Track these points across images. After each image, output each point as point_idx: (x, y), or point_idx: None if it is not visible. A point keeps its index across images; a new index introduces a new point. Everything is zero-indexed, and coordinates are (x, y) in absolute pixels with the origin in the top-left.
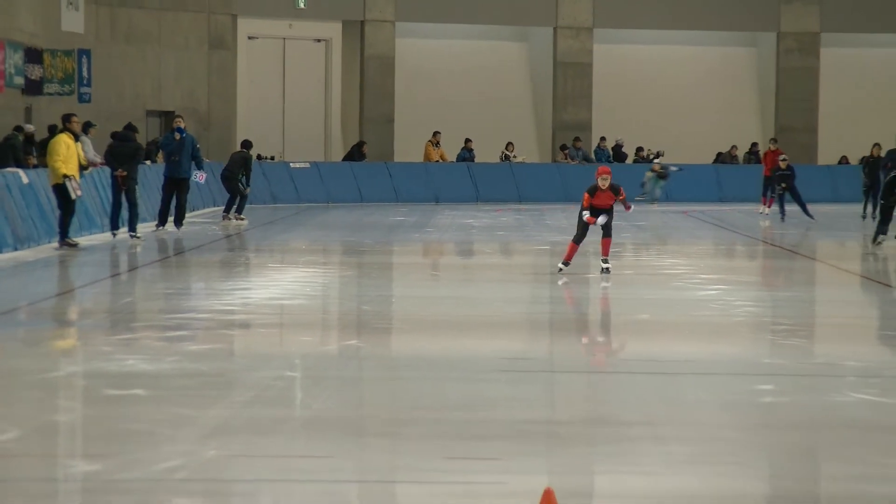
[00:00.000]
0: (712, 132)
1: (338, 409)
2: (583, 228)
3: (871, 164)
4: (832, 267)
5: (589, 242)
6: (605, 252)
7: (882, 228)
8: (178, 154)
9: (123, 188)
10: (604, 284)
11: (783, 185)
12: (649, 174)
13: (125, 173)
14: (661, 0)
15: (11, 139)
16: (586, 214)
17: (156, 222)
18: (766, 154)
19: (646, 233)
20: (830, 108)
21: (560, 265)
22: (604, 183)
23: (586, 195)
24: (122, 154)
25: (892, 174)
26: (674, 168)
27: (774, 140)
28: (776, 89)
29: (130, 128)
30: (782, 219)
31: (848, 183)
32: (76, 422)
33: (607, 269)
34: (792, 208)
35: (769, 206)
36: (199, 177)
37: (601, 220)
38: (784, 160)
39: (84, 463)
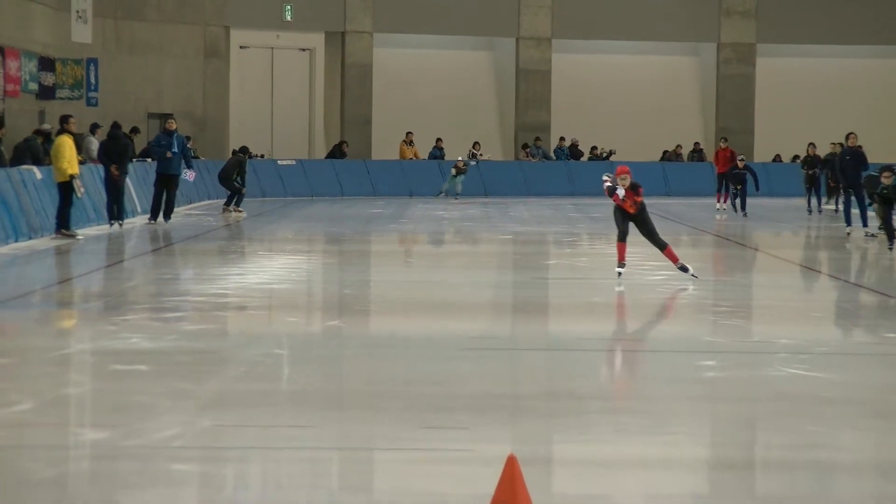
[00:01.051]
0: (659, 132)
1: (321, 384)
2: (622, 223)
3: (810, 162)
4: (770, 255)
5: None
6: (674, 260)
7: (890, 230)
8: (170, 153)
9: (116, 182)
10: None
11: (738, 185)
12: (453, 171)
13: (118, 172)
14: (614, 13)
15: (31, 141)
16: (606, 181)
17: (149, 216)
18: (717, 153)
19: (599, 223)
20: (765, 112)
21: (618, 269)
22: (623, 183)
23: (612, 194)
24: (115, 151)
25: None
26: (472, 163)
27: (725, 139)
28: (716, 94)
29: (117, 126)
30: (744, 215)
31: (781, 179)
32: (85, 394)
33: (692, 273)
34: (753, 201)
35: (725, 202)
36: (188, 175)
37: (620, 192)
38: (742, 160)
39: (92, 431)
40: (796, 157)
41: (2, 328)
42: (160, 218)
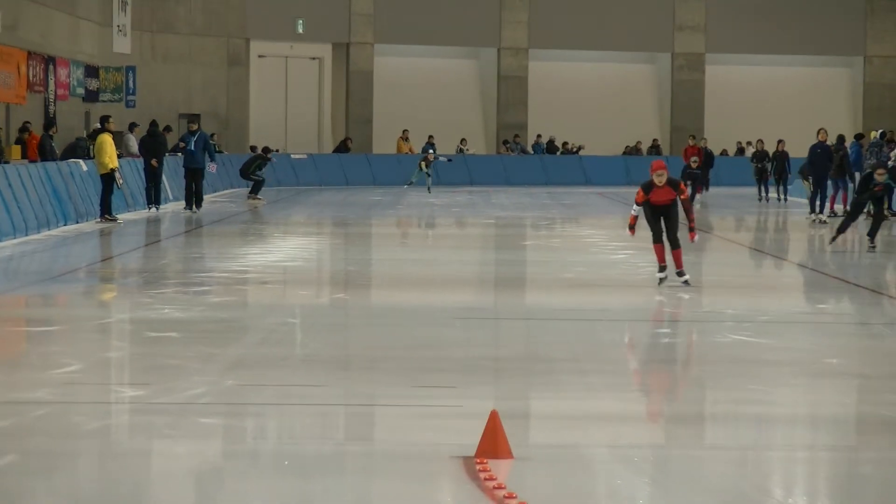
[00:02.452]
0: (621, 130)
1: (328, 349)
2: (654, 223)
3: (758, 156)
4: (721, 238)
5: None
6: (679, 265)
7: (844, 226)
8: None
9: (154, 173)
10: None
11: (688, 181)
12: (423, 163)
13: (156, 164)
14: (583, 27)
15: (82, 141)
16: (634, 211)
17: (184, 204)
18: (686, 149)
19: (571, 209)
20: (713, 112)
21: (659, 275)
22: (660, 179)
23: (640, 191)
24: (153, 146)
25: (867, 171)
26: (443, 159)
27: (693, 136)
28: (671, 97)
29: (155, 125)
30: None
31: (728, 171)
32: (124, 357)
33: (685, 280)
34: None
35: (699, 192)
36: (211, 167)
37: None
38: (695, 161)
39: (130, 389)
40: (739, 150)
41: (53, 300)
42: (193, 206)
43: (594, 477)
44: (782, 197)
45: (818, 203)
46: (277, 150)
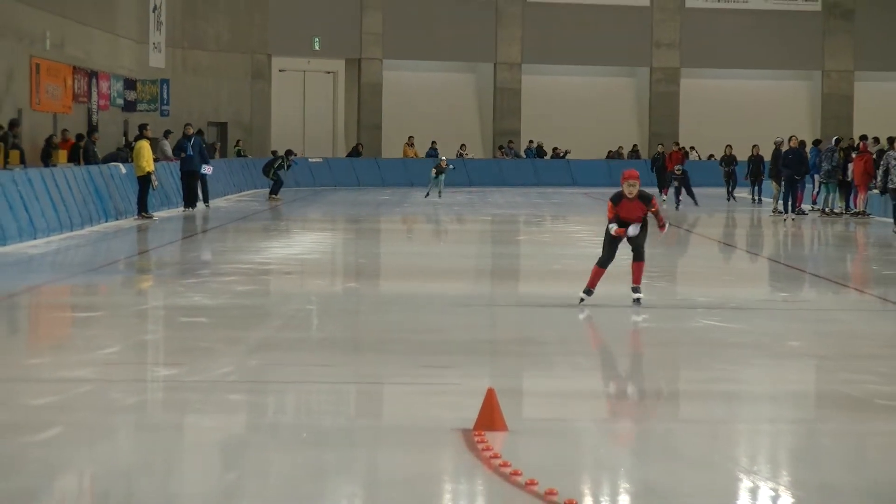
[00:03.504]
0: (605, 136)
1: (342, 332)
2: (609, 248)
3: (727, 160)
4: (692, 233)
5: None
6: (637, 279)
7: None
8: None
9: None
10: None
11: (676, 183)
12: (434, 171)
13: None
14: (570, 44)
15: (123, 151)
16: (613, 227)
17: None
18: (671, 154)
19: (560, 207)
20: (687, 121)
21: (582, 294)
22: (630, 190)
23: (609, 205)
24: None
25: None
26: (451, 166)
27: (677, 143)
28: (649, 107)
29: (200, 133)
30: (676, 208)
31: (700, 173)
32: (159, 340)
33: (638, 299)
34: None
35: (666, 194)
36: (206, 169)
37: (631, 230)
38: (678, 169)
39: (165, 369)
40: (711, 155)
41: (95, 289)
42: (198, 206)
43: (580, 448)
44: (756, 197)
45: (790, 203)
46: (295, 154)
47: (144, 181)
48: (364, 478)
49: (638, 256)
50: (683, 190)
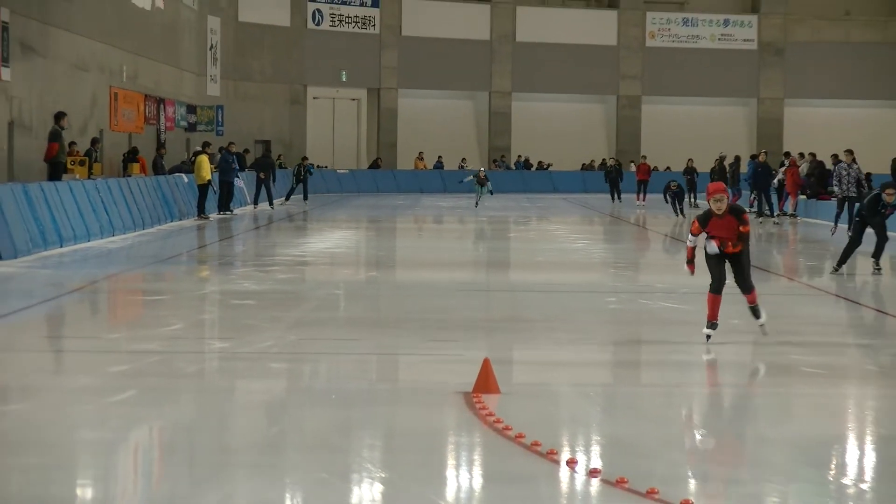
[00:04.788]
0: (579, 152)
1: (365, 312)
2: (717, 269)
3: (688, 171)
4: (653, 231)
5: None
6: (752, 301)
7: (846, 256)
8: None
9: (263, 183)
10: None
11: (673, 198)
12: (476, 182)
13: (263, 176)
14: (551, 77)
15: (185, 165)
16: (710, 245)
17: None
18: (639, 166)
19: (542, 210)
20: (648, 139)
21: (706, 331)
22: (718, 206)
23: (695, 223)
24: (263, 164)
25: (875, 192)
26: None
27: (644, 157)
28: (616, 128)
29: (268, 149)
30: (676, 214)
31: (660, 183)
32: (214, 319)
33: (762, 324)
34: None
35: (643, 200)
36: (238, 182)
37: (708, 245)
38: (674, 183)
39: (219, 342)
40: (668, 167)
41: (162, 276)
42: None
43: (560, 407)
44: (695, 203)
45: (766, 208)
46: (326, 167)
47: (203, 189)
48: (383, 431)
49: (746, 290)
50: (676, 200)
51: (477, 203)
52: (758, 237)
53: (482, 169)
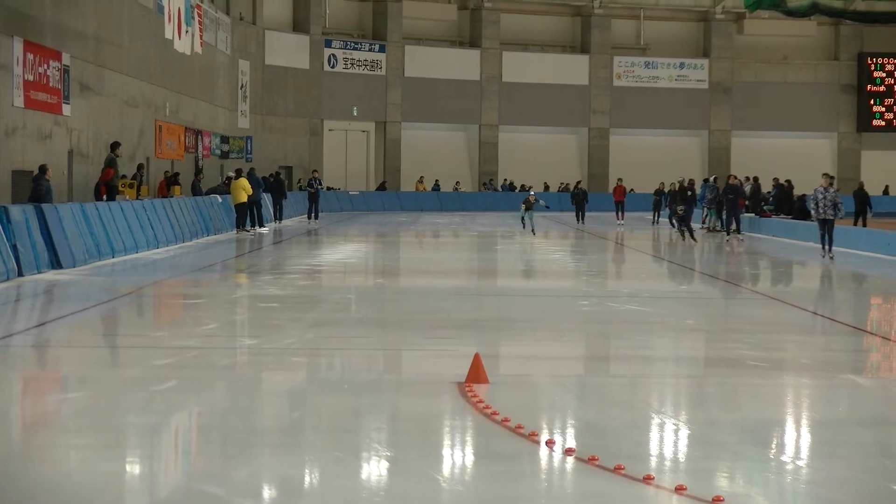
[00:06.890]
0: (556, 176)
1: (372, 313)
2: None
3: (657, 192)
4: (623, 245)
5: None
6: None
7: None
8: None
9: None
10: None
11: (677, 219)
12: (523, 206)
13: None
14: (532, 111)
15: (220, 187)
16: None
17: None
18: (615, 188)
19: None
20: (614, 166)
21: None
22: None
23: None
24: (275, 186)
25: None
26: (542, 203)
27: (620, 179)
28: (588, 156)
29: (278, 173)
30: (683, 238)
31: (633, 202)
32: (244, 320)
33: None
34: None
35: (622, 219)
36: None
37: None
38: (681, 209)
39: (248, 339)
40: (632, 189)
41: (199, 282)
42: (257, 227)
43: (540, 395)
44: (656, 220)
45: (727, 226)
46: (339, 188)
47: (240, 208)
48: (388, 415)
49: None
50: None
51: (531, 228)
52: (711, 249)
53: (531, 192)
